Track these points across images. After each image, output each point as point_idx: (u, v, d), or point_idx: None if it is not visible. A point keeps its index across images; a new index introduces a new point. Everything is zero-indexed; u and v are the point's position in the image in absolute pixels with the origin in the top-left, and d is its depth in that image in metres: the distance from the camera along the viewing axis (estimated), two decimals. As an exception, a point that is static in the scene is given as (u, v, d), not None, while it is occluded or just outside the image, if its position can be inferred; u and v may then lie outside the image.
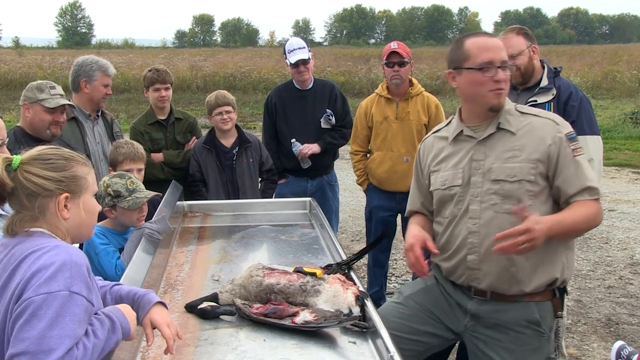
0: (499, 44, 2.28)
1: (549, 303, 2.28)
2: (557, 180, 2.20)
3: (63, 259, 1.46)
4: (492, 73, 2.21)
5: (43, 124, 3.22)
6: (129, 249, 2.66)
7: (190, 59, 28.31)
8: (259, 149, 4.10)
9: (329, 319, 1.99)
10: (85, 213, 1.64)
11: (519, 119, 2.28)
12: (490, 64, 2.21)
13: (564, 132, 2.22)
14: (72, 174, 1.60)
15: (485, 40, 2.27)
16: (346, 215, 7.00)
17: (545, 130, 2.22)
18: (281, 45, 4.67)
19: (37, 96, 3.21)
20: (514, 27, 3.39)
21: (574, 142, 2.22)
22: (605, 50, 35.06)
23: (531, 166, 2.19)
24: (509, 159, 2.23)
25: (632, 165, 10.01)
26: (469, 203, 2.30)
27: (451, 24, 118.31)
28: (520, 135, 2.24)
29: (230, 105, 3.98)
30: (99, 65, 3.70)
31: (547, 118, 2.28)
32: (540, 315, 2.26)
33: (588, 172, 2.20)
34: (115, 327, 1.54)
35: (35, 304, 1.39)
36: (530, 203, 2.18)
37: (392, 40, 4.41)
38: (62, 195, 1.58)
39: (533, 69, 3.29)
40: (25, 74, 22.71)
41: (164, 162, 4.07)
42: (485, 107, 2.27)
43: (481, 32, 2.43)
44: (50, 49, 54.54)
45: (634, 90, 19.70)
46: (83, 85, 3.66)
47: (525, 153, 2.21)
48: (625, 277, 5.23)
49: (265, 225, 3.30)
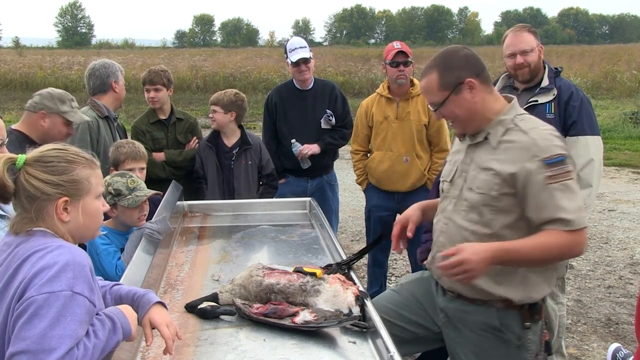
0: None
1: (515, 312, 2.20)
2: (526, 205, 2.09)
3: (66, 259, 1.46)
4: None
5: (60, 136, 3.18)
6: (129, 249, 2.66)
7: (190, 59, 28.29)
8: (259, 152, 4.09)
9: (329, 319, 1.99)
10: (85, 216, 1.62)
11: (507, 132, 2.15)
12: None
13: (542, 157, 2.05)
14: (72, 177, 1.58)
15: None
16: (346, 215, 7.00)
17: (521, 153, 2.08)
18: (281, 45, 4.67)
19: (59, 108, 3.16)
20: (524, 25, 3.40)
21: (554, 168, 2.04)
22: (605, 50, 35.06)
23: (496, 182, 2.12)
24: (482, 171, 2.17)
25: (632, 165, 10.01)
26: (448, 203, 2.30)
27: (451, 24, 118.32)
28: (499, 150, 2.15)
29: (217, 105, 4.00)
30: (118, 67, 3.88)
31: (533, 138, 2.09)
32: (501, 323, 2.20)
33: (564, 201, 2.03)
34: (116, 327, 1.54)
35: (38, 303, 1.39)
36: (491, 217, 2.14)
37: (392, 41, 4.41)
38: (61, 199, 1.56)
39: (539, 68, 3.31)
40: (25, 74, 22.71)
41: (166, 161, 4.08)
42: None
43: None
44: (50, 49, 54.53)
45: (634, 90, 19.69)
46: (114, 85, 3.78)
47: (495, 169, 2.13)
48: (625, 277, 5.23)
49: (265, 225, 3.30)
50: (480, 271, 2.04)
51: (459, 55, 2.21)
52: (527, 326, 2.20)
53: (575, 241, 2.06)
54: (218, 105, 4.00)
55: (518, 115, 2.20)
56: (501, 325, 2.20)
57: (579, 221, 2.04)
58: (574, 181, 2.07)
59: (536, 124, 2.17)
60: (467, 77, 2.15)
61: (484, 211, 2.16)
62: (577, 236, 2.05)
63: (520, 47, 3.28)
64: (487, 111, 2.19)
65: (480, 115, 2.19)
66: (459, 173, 2.28)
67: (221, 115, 3.99)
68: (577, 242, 2.07)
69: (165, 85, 4.13)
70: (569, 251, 2.10)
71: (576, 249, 2.10)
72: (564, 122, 3.24)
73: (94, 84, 3.78)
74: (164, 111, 4.19)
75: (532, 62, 3.27)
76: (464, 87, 2.15)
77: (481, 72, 2.20)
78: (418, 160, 4.04)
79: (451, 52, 2.24)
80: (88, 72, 3.83)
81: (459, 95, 2.16)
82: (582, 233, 2.06)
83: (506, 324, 2.20)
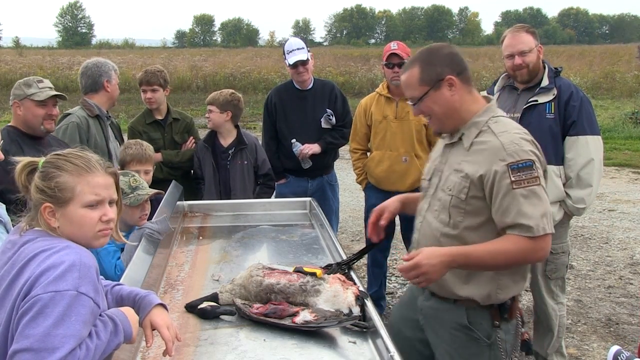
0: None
1: (485, 311, 2.19)
2: (492, 208, 2.09)
3: (73, 259, 1.47)
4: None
5: (36, 119, 3.17)
6: (129, 249, 2.67)
7: (190, 59, 28.29)
8: (255, 151, 4.08)
9: (329, 319, 1.99)
10: (70, 224, 1.58)
11: (480, 134, 2.14)
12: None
13: (508, 161, 2.03)
14: (55, 184, 1.56)
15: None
16: (346, 215, 6.99)
17: (490, 156, 2.07)
18: (281, 45, 4.67)
19: (26, 92, 3.17)
20: (523, 26, 3.40)
21: (520, 173, 2.02)
22: (605, 50, 35.05)
23: (464, 185, 2.11)
24: (454, 172, 2.17)
25: (632, 165, 10.01)
26: (424, 201, 2.31)
27: (451, 24, 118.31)
28: (470, 152, 2.14)
29: (214, 105, 4.00)
30: (112, 65, 3.83)
31: (501, 142, 2.07)
32: (470, 321, 2.19)
33: (526, 207, 2.01)
34: (118, 329, 1.54)
35: (43, 301, 1.40)
36: (460, 219, 2.14)
37: (392, 40, 4.40)
38: (44, 204, 1.56)
39: (539, 68, 3.30)
40: (25, 74, 22.62)
41: (163, 161, 4.08)
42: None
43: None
44: (50, 49, 54.52)
45: (634, 90, 19.67)
46: (107, 85, 3.75)
47: (466, 171, 2.12)
48: (625, 277, 5.23)
49: (265, 225, 3.30)
50: (435, 275, 2.05)
51: (443, 53, 2.19)
52: (497, 325, 2.19)
53: (535, 247, 2.04)
54: (214, 105, 4.00)
55: (493, 117, 2.17)
56: (470, 323, 2.20)
57: (540, 228, 2.02)
58: (540, 187, 2.05)
59: (508, 127, 2.14)
60: (448, 74, 2.13)
61: (453, 212, 2.15)
62: (538, 242, 2.04)
63: (519, 47, 3.28)
64: (464, 111, 2.18)
65: (458, 114, 2.18)
66: (435, 172, 2.29)
67: (217, 115, 3.99)
68: (537, 249, 2.05)
69: (162, 85, 4.12)
70: (529, 257, 2.09)
71: (536, 255, 2.08)
72: (564, 122, 3.24)
73: (86, 83, 3.77)
74: (161, 111, 4.18)
75: (530, 62, 3.27)
76: (444, 84, 2.14)
77: (463, 72, 2.18)
78: (417, 160, 4.03)
79: (435, 48, 2.23)
80: (81, 71, 3.83)
81: (438, 91, 2.14)
82: (544, 239, 2.04)
83: (475, 322, 2.20)
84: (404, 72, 2.23)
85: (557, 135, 3.25)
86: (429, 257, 2.03)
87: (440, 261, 2.03)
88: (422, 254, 2.05)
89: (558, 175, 3.26)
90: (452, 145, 2.24)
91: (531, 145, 2.10)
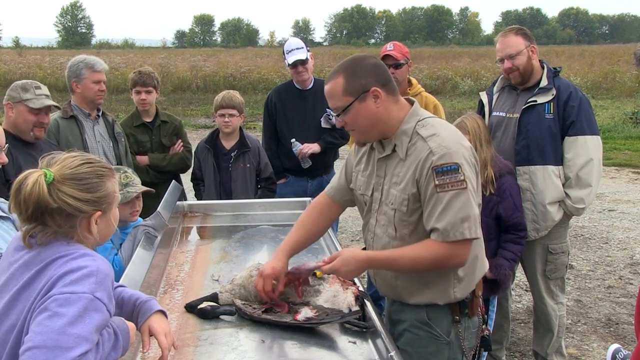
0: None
1: (445, 307, 2.17)
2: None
3: (91, 266, 1.48)
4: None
5: (27, 125, 3.15)
6: (126, 246, 2.73)
7: (190, 59, 28.28)
8: (258, 155, 4.07)
9: (331, 315, 1.99)
10: (109, 224, 1.65)
11: (411, 141, 2.10)
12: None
13: (434, 165, 2.00)
14: (104, 192, 1.59)
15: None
16: (346, 215, 6.99)
17: (421, 161, 2.03)
18: (281, 45, 4.66)
19: (22, 96, 3.15)
20: (513, 27, 3.40)
21: (444, 176, 1.99)
22: (605, 50, 35.06)
23: (404, 197, 2.08)
24: (394, 185, 2.13)
25: (632, 165, 10.01)
26: (371, 216, 2.27)
27: (451, 24, 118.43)
28: (407, 162, 2.09)
29: (234, 109, 3.97)
30: (85, 63, 3.69)
31: (429, 146, 2.03)
32: (429, 317, 2.18)
33: (446, 211, 1.98)
34: (117, 345, 1.55)
35: (59, 301, 1.40)
36: (406, 232, 2.12)
37: (392, 40, 4.40)
38: (96, 214, 1.58)
39: (532, 68, 3.29)
40: (25, 74, 22.64)
41: (150, 165, 4.06)
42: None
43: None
44: (50, 49, 54.53)
45: (634, 90, 19.68)
46: (74, 86, 3.68)
47: (404, 182, 2.09)
48: (625, 277, 5.23)
49: (265, 225, 3.30)
50: (352, 275, 2.13)
51: (367, 63, 2.12)
52: (457, 320, 2.19)
53: (452, 252, 2.02)
54: (235, 108, 3.96)
55: (419, 122, 2.12)
56: (430, 320, 2.19)
57: (457, 232, 1.98)
58: (466, 191, 2.00)
59: (436, 130, 2.08)
60: (373, 86, 2.08)
61: (399, 226, 2.13)
62: (455, 247, 2.01)
63: (506, 52, 3.28)
64: (391, 120, 2.13)
65: (384, 124, 2.12)
66: (376, 187, 2.22)
67: (237, 119, 3.98)
68: (454, 254, 2.03)
69: (155, 87, 4.10)
70: (444, 263, 2.06)
71: (453, 261, 2.05)
72: (563, 122, 3.24)
73: (66, 84, 3.76)
74: (150, 114, 4.15)
75: (520, 65, 3.26)
76: (369, 96, 2.07)
77: (387, 83, 2.12)
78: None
79: (359, 59, 2.17)
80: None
81: (363, 103, 2.08)
82: (461, 245, 2.01)
83: (434, 318, 2.19)
84: (327, 81, 2.16)
85: (556, 135, 3.25)
86: (346, 264, 2.08)
87: (356, 267, 2.09)
88: (340, 259, 2.08)
89: (557, 175, 3.26)
90: (386, 158, 2.18)
91: (459, 147, 2.05)
